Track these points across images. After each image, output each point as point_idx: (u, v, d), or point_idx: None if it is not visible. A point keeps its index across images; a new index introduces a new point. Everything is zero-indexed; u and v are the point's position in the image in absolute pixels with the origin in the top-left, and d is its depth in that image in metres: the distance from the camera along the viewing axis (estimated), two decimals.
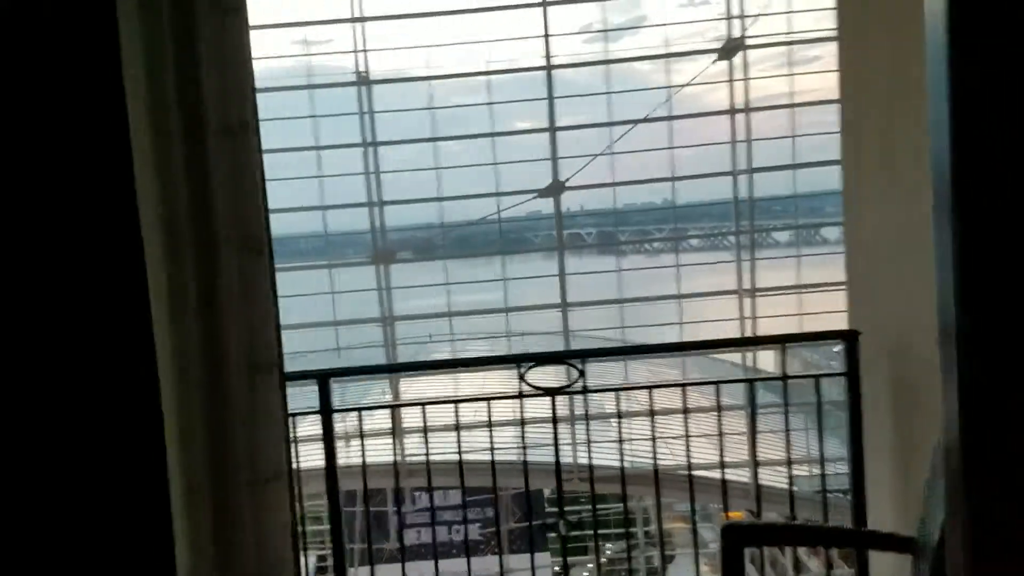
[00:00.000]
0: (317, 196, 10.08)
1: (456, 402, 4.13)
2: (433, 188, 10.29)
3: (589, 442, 4.90)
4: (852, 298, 3.93)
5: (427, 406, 4.17)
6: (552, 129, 8.92)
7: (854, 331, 3.27)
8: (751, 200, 9.73)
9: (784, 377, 3.87)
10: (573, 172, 9.61)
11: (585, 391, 3.91)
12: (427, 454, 4.19)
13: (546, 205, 11.76)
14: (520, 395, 3.76)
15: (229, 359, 1.73)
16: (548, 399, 3.93)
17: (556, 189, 10.34)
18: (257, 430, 1.78)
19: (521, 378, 3.54)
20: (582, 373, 3.63)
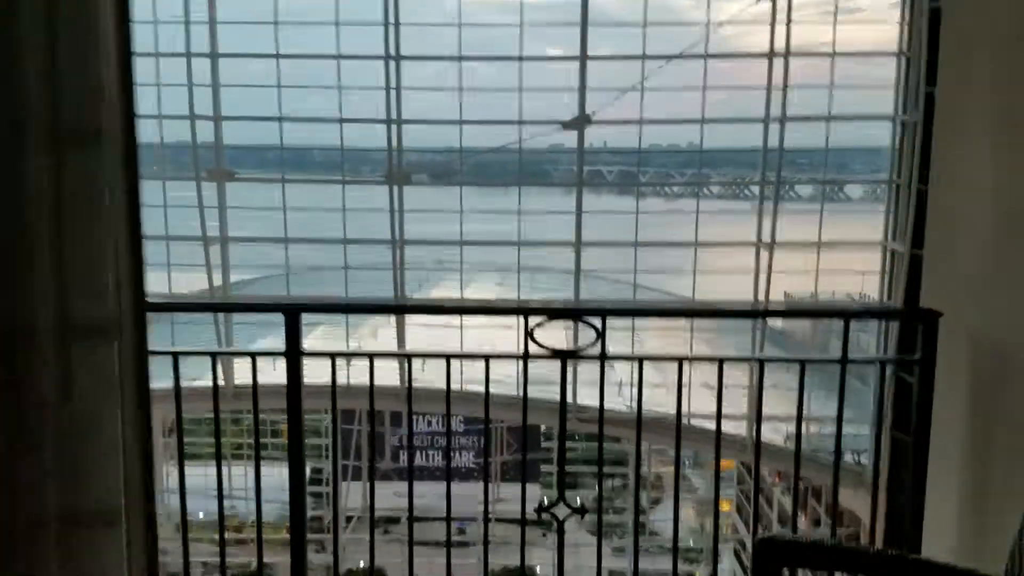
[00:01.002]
0: (334, 106, 9.94)
1: (448, 357, 3.77)
2: (454, 110, 10.13)
3: (602, 410, 4.35)
4: (929, 272, 3.59)
5: (416, 357, 4.16)
6: (582, 58, 8.70)
7: (933, 311, 2.92)
8: (780, 150, 9.55)
9: (844, 360, 3.40)
10: (600, 106, 9.43)
11: (604, 358, 3.46)
12: (410, 387, 4.00)
13: (569, 138, 11.60)
14: (525, 356, 3.41)
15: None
16: (557, 337, 3.63)
17: (581, 122, 10.17)
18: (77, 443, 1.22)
19: (528, 335, 3.25)
20: (600, 335, 3.30)
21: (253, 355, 3.88)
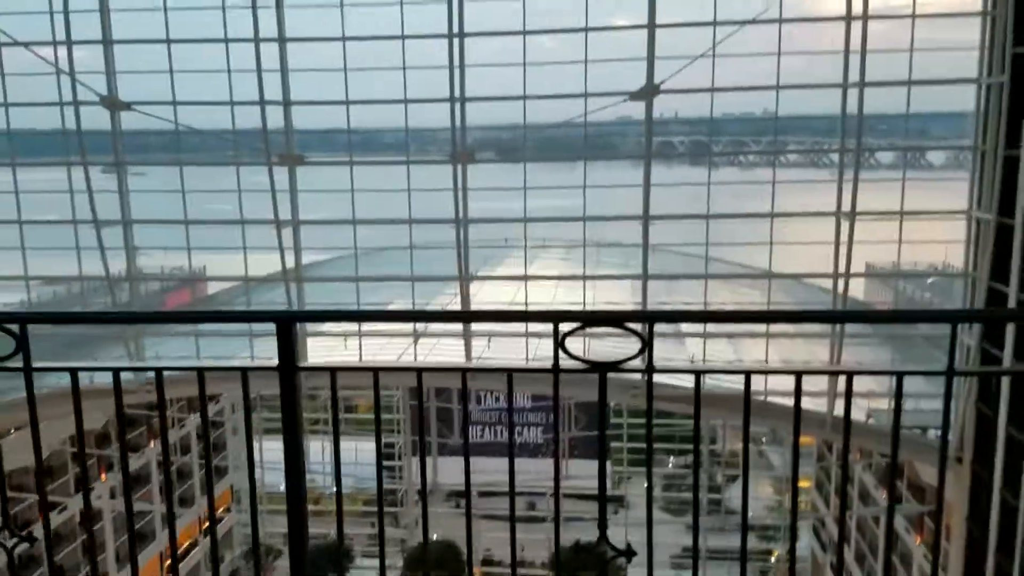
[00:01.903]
0: (399, 88, 10.04)
1: (464, 371, 3.29)
2: (519, 86, 10.11)
3: (650, 436, 3.95)
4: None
5: (425, 372, 3.52)
6: (650, 26, 8.55)
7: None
8: (860, 115, 9.23)
9: (950, 373, 3.08)
10: (669, 75, 9.28)
11: (651, 370, 3.00)
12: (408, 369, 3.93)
13: (636, 110, 11.44)
14: (556, 369, 3.02)
15: None
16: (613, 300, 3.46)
17: (649, 92, 10.01)
18: None
19: (560, 344, 2.85)
20: (647, 344, 2.88)
21: (244, 370, 3.52)
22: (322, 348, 23.78)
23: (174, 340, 25.33)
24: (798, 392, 3.54)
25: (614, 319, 2.94)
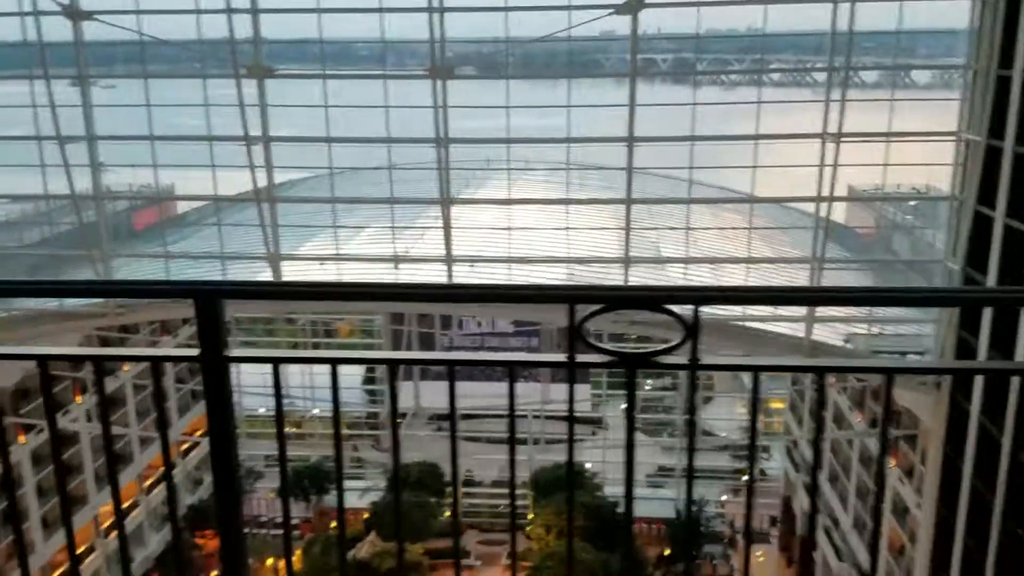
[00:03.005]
0: None
1: (451, 363, 2.62)
2: None
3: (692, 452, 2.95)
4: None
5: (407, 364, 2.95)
6: None
7: None
8: (851, 30, 9.05)
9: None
10: None
11: (695, 366, 2.39)
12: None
13: (621, 24, 11.15)
14: (571, 362, 2.46)
15: None
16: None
17: (635, 6, 9.74)
18: None
19: (576, 331, 2.34)
20: (692, 332, 2.31)
21: (154, 360, 2.83)
22: (298, 275, 23.66)
23: (144, 263, 25.08)
24: (821, 393, 3.12)
25: (649, 299, 2.36)
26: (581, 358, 2.39)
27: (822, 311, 20.34)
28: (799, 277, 21.07)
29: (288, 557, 3.28)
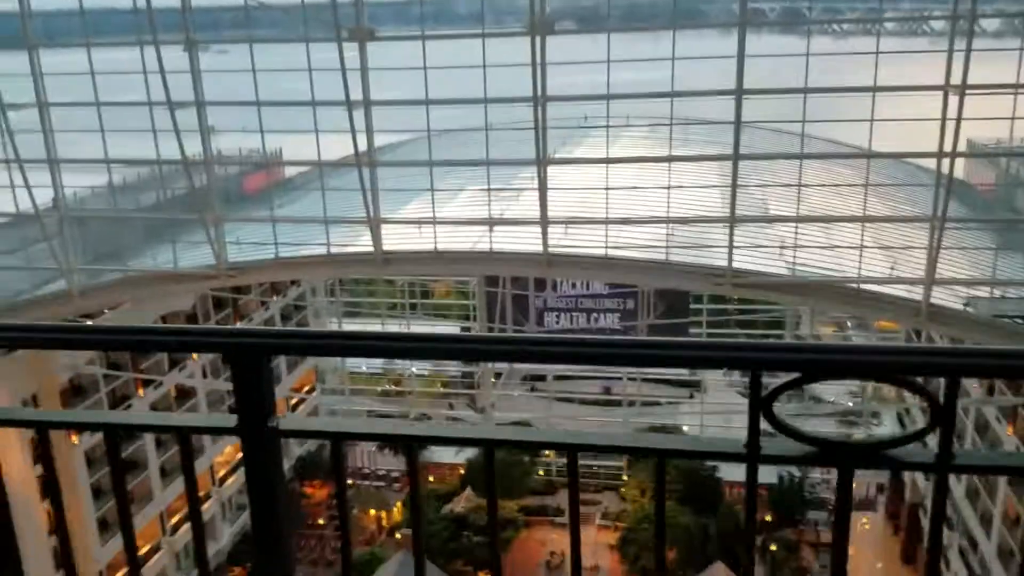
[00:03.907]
0: None
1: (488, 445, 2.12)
2: None
3: None
4: None
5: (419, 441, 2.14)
6: None
7: None
8: None
9: None
10: None
11: (946, 467, 1.67)
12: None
13: None
14: (752, 456, 1.82)
15: None
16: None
17: None
18: None
19: (761, 409, 1.69)
20: (943, 414, 1.62)
21: (185, 431, 2.22)
22: (397, 238, 24.06)
23: (252, 226, 26.02)
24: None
25: (872, 366, 1.70)
26: (768, 449, 1.71)
27: (941, 272, 19.29)
28: (922, 236, 19.97)
29: None
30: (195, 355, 39.24)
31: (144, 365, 35.51)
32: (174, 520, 38.56)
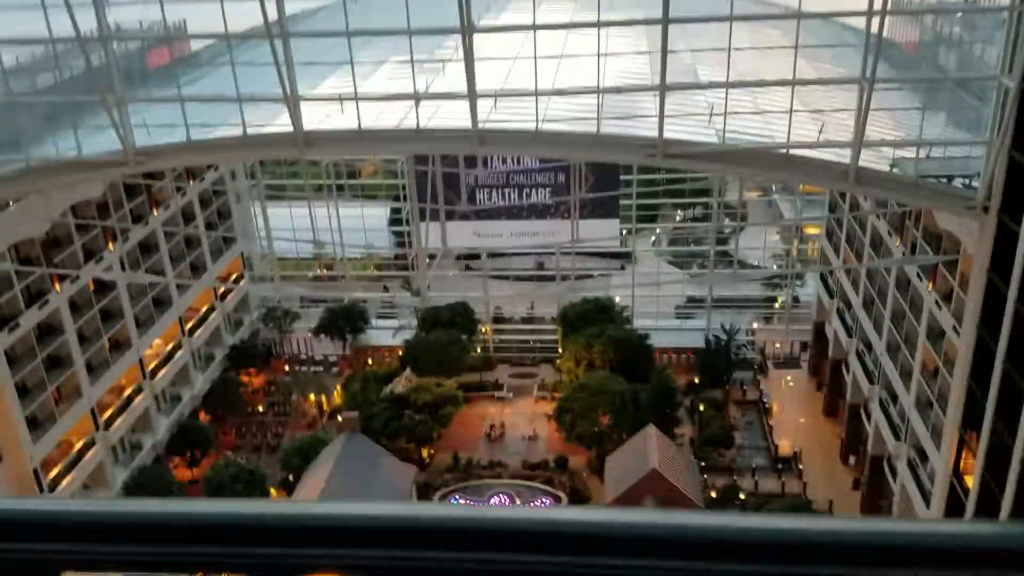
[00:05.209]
0: None
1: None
2: None
3: None
4: None
5: None
6: None
7: None
8: None
9: None
10: None
11: None
12: None
13: None
14: None
15: None
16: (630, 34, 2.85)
17: None
18: None
19: None
20: None
21: None
22: (320, 115, 23.15)
23: (159, 107, 24.70)
24: None
25: None
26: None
27: (869, 134, 19.59)
28: (849, 98, 20.15)
29: None
30: (111, 245, 38.03)
31: (58, 259, 34.27)
32: (106, 415, 38.39)
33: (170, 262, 43.36)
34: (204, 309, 48.05)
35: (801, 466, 45.73)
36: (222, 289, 50.09)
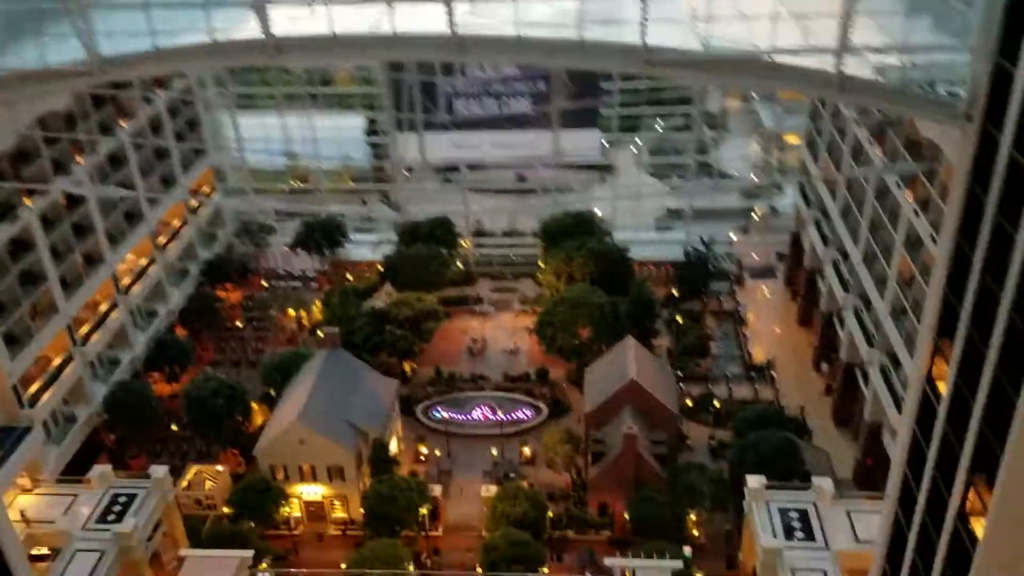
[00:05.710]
0: None
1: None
2: None
3: None
4: None
5: None
6: None
7: None
8: None
9: None
10: None
11: None
12: None
13: None
14: None
15: None
16: None
17: None
18: None
19: None
20: None
21: None
22: (286, 19, 22.41)
23: (123, 13, 23.77)
24: None
25: None
26: None
27: (854, 42, 19.25)
28: (831, 3, 19.71)
29: None
30: (80, 158, 37.22)
31: (27, 173, 33.59)
32: (83, 330, 38.40)
33: (140, 175, 42.68)
34: (177, 223, 47.56)
35: (775, 373, 47.15)
36: (195, 204, 49.47)
